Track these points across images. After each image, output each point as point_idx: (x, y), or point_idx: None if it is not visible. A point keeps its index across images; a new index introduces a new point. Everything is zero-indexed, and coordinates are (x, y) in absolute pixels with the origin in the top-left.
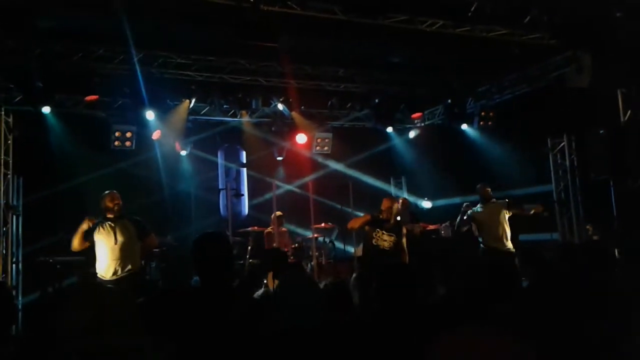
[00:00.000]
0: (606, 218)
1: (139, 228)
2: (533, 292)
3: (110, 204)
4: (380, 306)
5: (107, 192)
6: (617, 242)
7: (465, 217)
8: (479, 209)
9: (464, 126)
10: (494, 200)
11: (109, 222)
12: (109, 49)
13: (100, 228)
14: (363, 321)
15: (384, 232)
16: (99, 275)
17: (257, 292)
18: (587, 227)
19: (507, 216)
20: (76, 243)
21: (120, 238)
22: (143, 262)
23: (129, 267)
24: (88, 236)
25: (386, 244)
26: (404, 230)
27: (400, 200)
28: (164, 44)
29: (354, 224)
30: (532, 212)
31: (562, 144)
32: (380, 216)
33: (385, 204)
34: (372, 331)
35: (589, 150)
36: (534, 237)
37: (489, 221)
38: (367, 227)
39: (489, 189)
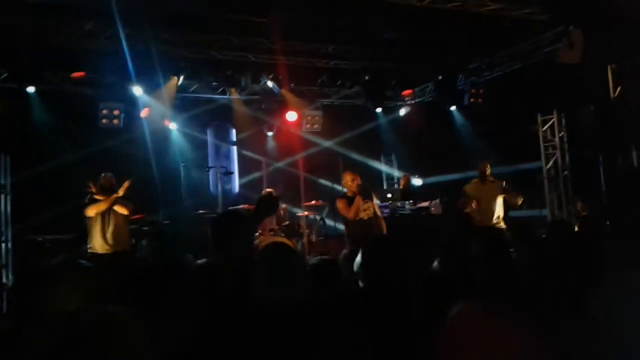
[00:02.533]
0: (595, 194)
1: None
2: (525, 265)
3: (106, 184)
4: (365, 283)
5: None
6: (606, 217)
7: (464, 199)
8: (472, 185)
9: (453, 108)
10: (491, 179)
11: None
12: (95, 25)
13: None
14: (348, 298)
15: (362, 201)
16: (90, 250)
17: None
18: (577, 203)
19: (501, 197)
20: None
21: (110, 217)
22: (134, 240)
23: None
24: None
25: (368, 212)
26: (372, 195)
27: (403, 176)
28: (152, 20)
29: (350, 211)
30: (518, 203)
31: (552, 120)
32: (348, 193)
33: (347, 181)
34: (357, 308)
35: (578, 127)
36: (523, 213)
37: (484, 199)
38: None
39: (488, 166)
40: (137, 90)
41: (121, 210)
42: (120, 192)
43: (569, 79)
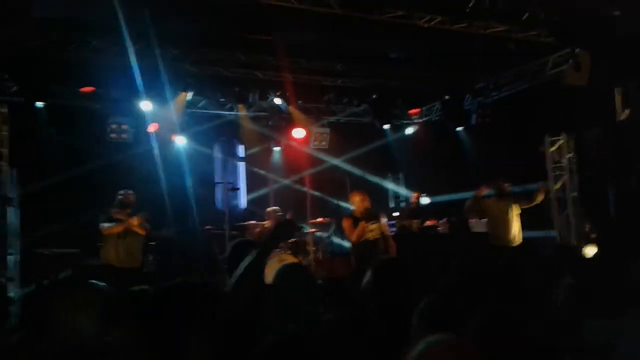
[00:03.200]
0: (604, 216)
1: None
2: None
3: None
4: (376, 304)
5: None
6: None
7: (474, 203)
8: (490, 200)
9: (460, 128)
10: (511, 198)
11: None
12: (104, 41)
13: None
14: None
15: (367, 223)
16: (103, 262)
17: None
18: (585, 225)
19: (518, 212)
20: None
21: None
22: (140, 256)
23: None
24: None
25: (374, 234)
26: (381, 219)
27: (414, 195)
28: (160, 36)
29: (355, 234)
30: (538, 199)
31: (560, 142)
32: (355, 214)
33: (355, 201)
34: (368, 329)
35: (586, 149)
36: (531, 234)
37: (501, 218)
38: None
39: (507, 184)
40: (146, 106)
41: (139, 230)
42: (135, 222)
43: (577, 101)
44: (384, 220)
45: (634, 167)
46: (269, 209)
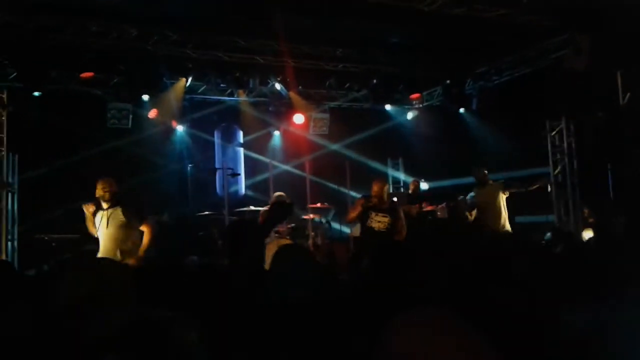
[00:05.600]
0: (603, 201)
1: (130, 217)
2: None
3: (100, 192)
4: (371, 283)
5: (98, 179)
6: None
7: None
8: (476, 192)
9: (462, 110)
10: (491, 182)
11: (102, 211)
12: (104, 26)
13: (98, 215)
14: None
15: (378, 213)
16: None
17: None
18: (584, 210)
19: (505, 197)
20: (91, 230)
21: (109, 228)
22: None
23: (124, 255)
24: (93, 222)
25: (381, 225)
26: (401, 212)
27: (413, 182)
28: (160, 21)
29: (350, 216)
30: (535, 186)
31: (560, 127)
32: (371, 200)
33: (375, 188)
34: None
35: (587, 133)
36: (530, 219)
37: (487, 204)
38: (361, 212)
39: (486, 172)
40: (146, 91)
41: (148, 232)
42: (88, 213)
43: (577, 85)
44: (401, 212)
45: (634, 152)
46: (275, 194)
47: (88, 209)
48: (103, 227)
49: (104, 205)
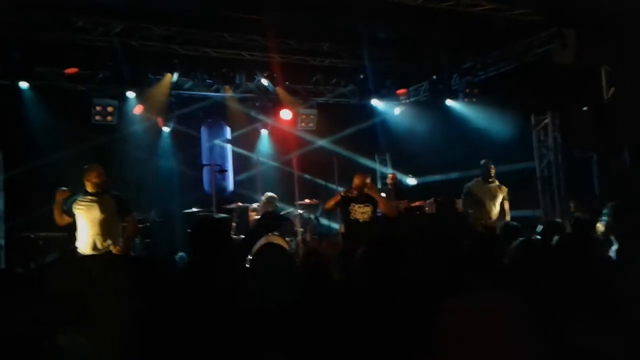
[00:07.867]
0: (588, 195)
1: (120, 205)
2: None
3: (96, 179)
4: (363, 282)
5: (90, 166)
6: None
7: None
8: (476, 184)
9: (449, 102)
10: (497, 182)
11: (90, 196)
12: (90, 21)
13: (80, 202)
14: (343, 298)
15: (359, 204)
16: (79, 250)
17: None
18: (570, 204)
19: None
20: (56, 217)
21: (101, 213)
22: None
23: (109, 242)
24: (67, 210)
25: (365, 215)
26: (377, 193)
27: (390, 176)
28: (146, 16)
29: (328, 204)
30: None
31: (545, 121)
32: (350, 193)
33: (356, 181)
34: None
35: (572, 128)
36: (516, 213)
37: (488, 199)
38: (341, 205)
39: (494, 169)
40: (131, 87)
41: (133, 225)
42: (59, 198)
43: (563, 80)
44: (378, 196)
45: (619, 146)
46: (266, 195)
47: (62, 195)
48: (93, 212)
49: (96, 190)
